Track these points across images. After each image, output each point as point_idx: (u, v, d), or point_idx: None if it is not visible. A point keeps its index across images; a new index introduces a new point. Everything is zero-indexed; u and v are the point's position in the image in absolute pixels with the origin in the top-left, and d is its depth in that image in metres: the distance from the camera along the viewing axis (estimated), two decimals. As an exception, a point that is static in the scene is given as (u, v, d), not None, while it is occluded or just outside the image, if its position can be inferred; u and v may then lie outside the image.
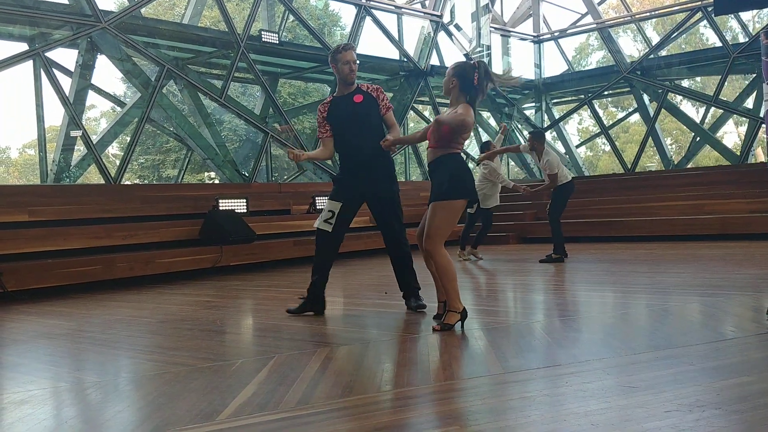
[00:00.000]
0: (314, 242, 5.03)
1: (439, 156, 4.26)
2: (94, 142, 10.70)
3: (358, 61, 4.98)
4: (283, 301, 5.87)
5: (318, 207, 10.68)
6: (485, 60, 16.75)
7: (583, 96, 18.08)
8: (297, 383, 3.01)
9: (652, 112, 16.59)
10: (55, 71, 10.19)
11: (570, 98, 19.02)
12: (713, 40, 16.20)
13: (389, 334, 4.21)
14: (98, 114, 25.55)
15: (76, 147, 10.72)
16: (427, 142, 4.38)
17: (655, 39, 18.57)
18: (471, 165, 12.69)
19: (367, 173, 4.91)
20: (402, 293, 5.12)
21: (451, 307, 4.18)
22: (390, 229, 5.05)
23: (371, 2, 14.24)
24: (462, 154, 4.36)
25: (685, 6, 16.17)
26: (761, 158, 18.19)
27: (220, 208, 9.29)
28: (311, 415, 2.57)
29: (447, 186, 4.19)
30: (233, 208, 9.49)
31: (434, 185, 4.27)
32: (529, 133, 8.98)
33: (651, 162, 25.70)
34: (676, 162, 17.10)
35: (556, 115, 18.71)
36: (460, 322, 4.16)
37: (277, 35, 12.92)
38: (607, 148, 26.98)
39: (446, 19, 16.10)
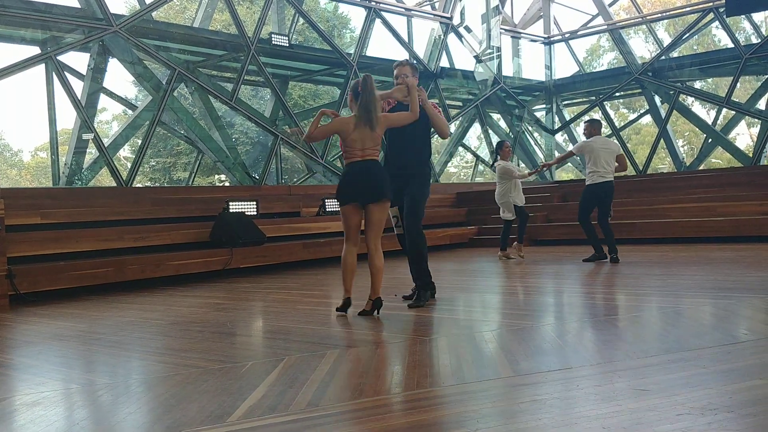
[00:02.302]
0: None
1: None
2: (106, 145, 10.75)
3: (409, 76, 5.28)
4: (293, 303, 5.87)
5: (327, 209, 10.69)
6: (495, 61, 16.73)
7: (594, 97, 18.02)
8: (307, 385, 3.01)
9: (663, 114, 16.50)
10: (67, 74, 10.26)
11: (581, 100, 18.96)
12: (725, 41, 16.14)
13: (399, 336, 4.21)
14: (110, 117, 25.72)
15: (87, 150, 10.78)
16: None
17: (667, 40, 18.49)
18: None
19: (405, 179, 5.38)
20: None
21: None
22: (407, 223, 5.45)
23: (381, 4, 14.25)
24: (354, 161, 5.01)
25: (696, 7, 16.09)
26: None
27: (231, 210, 9.32)
28: (321, 418, 2.57)
29: None
30: (243, 210, 9.51)
31: None
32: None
33: (663, 164, 25.57)
34: (687, 164, 17.00)
35: (567, 117, 18.66)
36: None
37: (287, 38, 12.96)
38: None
39: (456, 21, 16.09)
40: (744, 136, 27.85)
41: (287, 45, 12.86)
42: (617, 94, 18.01)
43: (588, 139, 8.35)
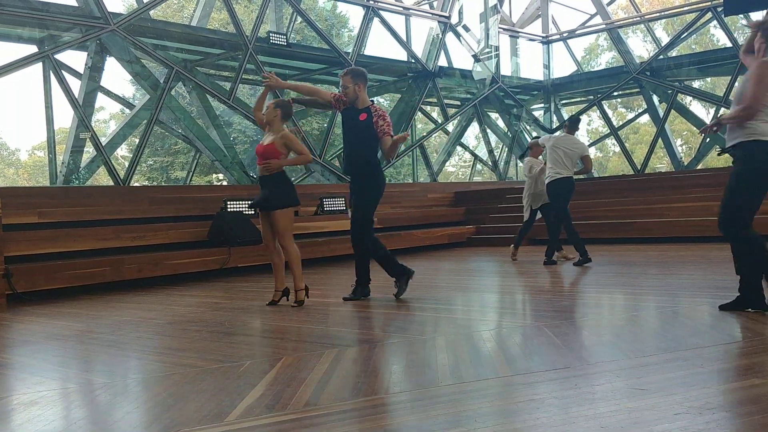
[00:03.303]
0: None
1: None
2: (103, 144, 10.74)
3: (349, 86, 5.65)
4: (291, 302, 5.87)
5: (325, 208, 10.68)
6: (494, 61, 16.73)
7: (592, 97, 18.03)
8: (305, 385, 3.01)
9: (661, 113, 16.52)
10: (65, 73, 10.24)
11: (579, 99, 18.97)
12: (723, 41, 16.14)
13: (397, 335, 4.21)
14: (107, 116, 25.69)
15: (85, 149, 10.77)
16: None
17: (665, 39, 18.50)
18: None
19: (356, 182, 5.81)
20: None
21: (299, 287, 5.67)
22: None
23: (379, 3, 14.25)
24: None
25: (694, 6, 16.10)
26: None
27: (229, 209, 9.31)
28: (319, 417, 2.57)
29: None
30: (241, 209, 9.50)
31: None
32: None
33: (661, 163, 25.60)
34: (686, 163, 17.02)
35: (565, 116, 18.66)
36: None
37: (285, 37, 12.95)
38: (617, 149, 26.88)
39: (454, 20, 16.09)
40: (742, 135, 27.85)
41: (285, 44, 12.85)
42: (615, 93, 18.02)
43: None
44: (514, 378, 3.01)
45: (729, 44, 15.36)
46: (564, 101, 19.04)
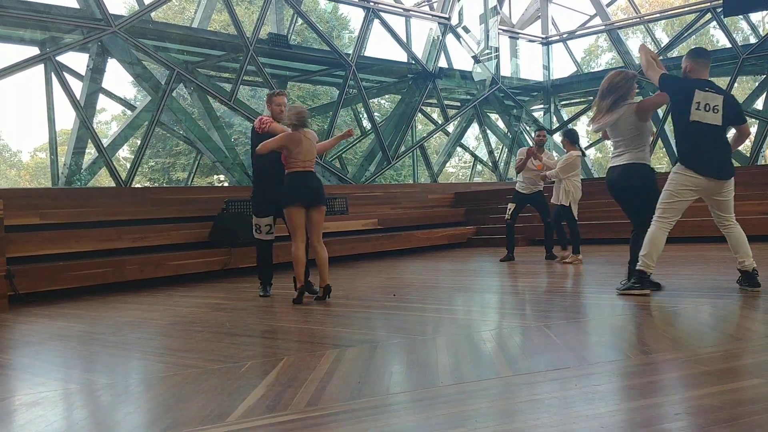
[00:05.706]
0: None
1: None
2: (105, 146, 10.76)
3: (287, 105, 6.12)
4: (291, 302, 5.89)
5: (326, 209, 10.72)
6: (493, 62, 16.75)
7: (592, 98, 18.00)
8: (306, 385, 3.02)
9: (661, 114, 16.52)
10: (66, 75, 10.26)
11: (579, 100, 18.98)
12: (723, 42, 16.14)
13: (398, 336, 4.22)
14: (109, 117, 25.73)
15: (87, 150, 10.79)
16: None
17: (665, 40, 18.51)
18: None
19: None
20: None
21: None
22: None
23: (379, 5, 14.26)
24: (296, 171, 5.82)
25: (694, 7, 16.11)
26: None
27: (230, 210, 9.31)
28: (320, 417, 2.58)
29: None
30: (243, 210, 9.51)
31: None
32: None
33: (660, 164, 25.60)
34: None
35: (565, 117, 18.68)
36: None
37: (285, 38, 12.97)
38: (617, 149, 26.86)
39: (454, 21, 16.11)
40: (742, 136, 27.91)
41: (286, 45, 12.87)
42: (615, 94, 18.00)
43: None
44: (514, 378, 3.02)
45: (729, 45, 15.37)
46: (564, 102, 19.05)
